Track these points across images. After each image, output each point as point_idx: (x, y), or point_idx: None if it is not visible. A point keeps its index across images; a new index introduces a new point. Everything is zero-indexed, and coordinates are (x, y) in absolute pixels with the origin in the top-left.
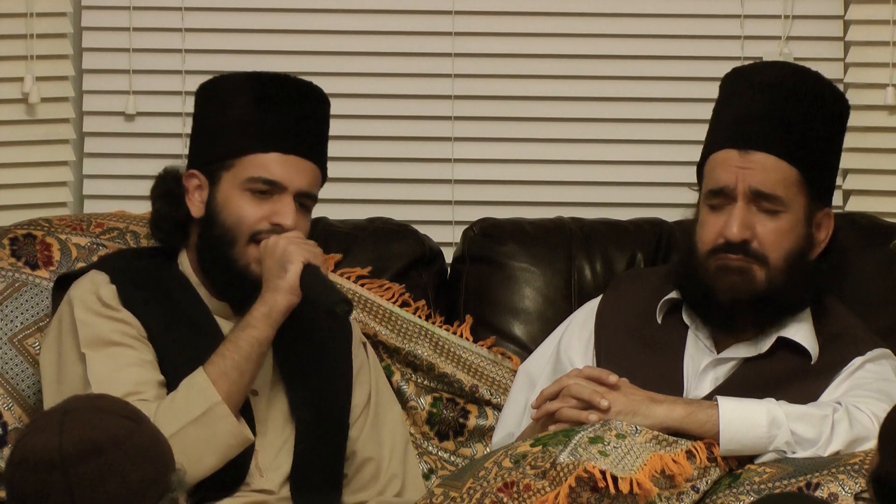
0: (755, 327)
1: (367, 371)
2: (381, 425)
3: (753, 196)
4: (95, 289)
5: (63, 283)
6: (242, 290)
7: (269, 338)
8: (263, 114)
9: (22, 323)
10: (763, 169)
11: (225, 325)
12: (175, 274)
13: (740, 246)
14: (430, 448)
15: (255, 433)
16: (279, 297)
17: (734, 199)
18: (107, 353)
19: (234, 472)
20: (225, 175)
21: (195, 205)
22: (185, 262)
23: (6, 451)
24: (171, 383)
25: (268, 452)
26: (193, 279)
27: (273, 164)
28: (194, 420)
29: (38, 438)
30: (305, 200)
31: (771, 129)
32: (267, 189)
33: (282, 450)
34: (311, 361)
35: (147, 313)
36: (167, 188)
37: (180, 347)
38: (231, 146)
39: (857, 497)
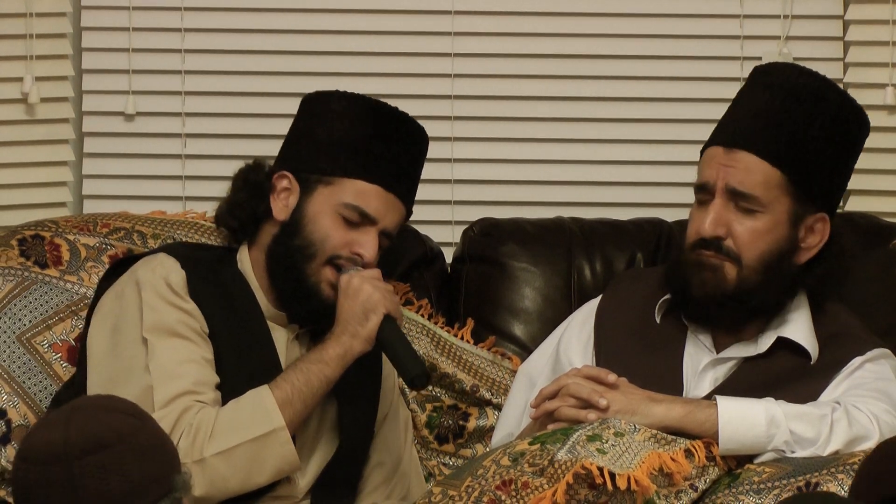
0: (727, 325)
1: (391, 378)
2: (396, 429)
3: (731, 194)
4: (166, 273)
5: (118, 268)
6: (307, 307)
7: (336, 379)
8: (379, 145)
9: (30, 321)
10: (745, 168)
11: (277, 332)
12: (234, 271)
13: (713, 242)
14: (430, 455)
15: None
16: (356, 343)
17: (714, 196)
18: (170, 344)
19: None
20: (321, 189)
21: (280, 206)
22: (245, 261)
23: (10, 449)
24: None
25: (301, 459)
26: (252, 281)
27: (373, 197)
28: (254, 439)
29: (44, 433)
30: (384, 240)
31: (759, 130)
32: (359, 220)
33: (312, 457)
34: (350, 374)
35: (211, 307)
36: (256, 179)
37: (232, 349)
38: (337, 164)
39: None
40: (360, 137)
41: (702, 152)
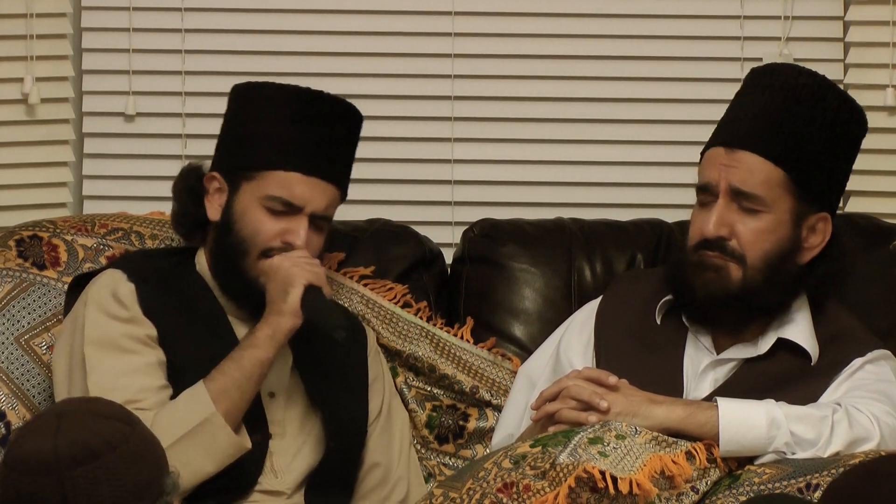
0: (730, 326)
1: (381, 380)
2: (391, 431)
3: (734, 194)
4: (113, 287)
5: (79, 284)
6: (253, 301)
7: (272, 358)
8: (297, 132)
9: (29, 323)
10: (747, 168)
11: (239, 328)
12: (193, 274)
13: (717, 243)
14: (430, 455)
15: (270, 435)
16: (283, 320)
17: (717, 196)
18: (110, 359)
19: (247, 474)
20: (246, 185)
21: (213, 207)
22: (202, 262)
23: None
24: (183, 384)
25: (285, 455)
26: (210, 280)
27: (295, 184)
28: (191, 430)
29: (32, 441)
30: (320, 222)
31: (760, 129)
32: (284, 209)
33: (299, 453)
34: (330, 367)
35: (162, 314)
36: (189, 185)
37: (195, 349)
38: (256, 158)
39: None
40: (277, 127)
41: (702, 154)
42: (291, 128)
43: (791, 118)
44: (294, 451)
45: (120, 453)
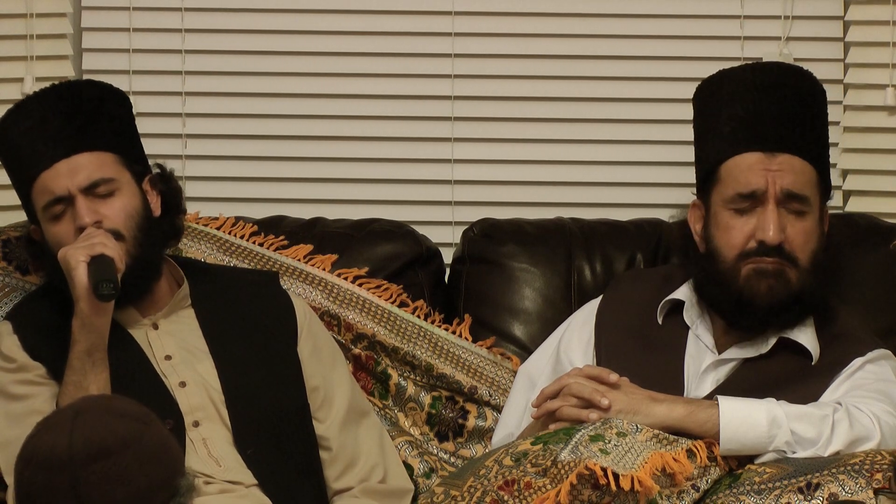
0: (779, 328)
1: (317, 361)
2: (357, 426)
3: (785, 198)
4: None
5: None
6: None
7: (96, 343)
8: (24, 140)
9: None
10: (792, 170)
11: (136, 330)
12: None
13: (776, 248)
14: (431, 448)
15: (197, 422)
16: (81, 304)
17: (763, 202)
18: (8, 408)
19: None
20: (39, 215)
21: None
22: None
23: None
24: None
25: (220, 441)
26: None
27: (49, 182)
28: None
29: (48, 437)
30: (99, 187)
31: (790, 130)
32: (61, 208)
33: (217, 436)
34: (252, 357)
35: (49, 353)
36: (30, 244)
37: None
38: (19, 184)
39: (877, 492)
40: (13, 151)
41: (716, 162)
42: (22, 139)
43: (806, 116)
44: (225, 437)
45: (133, 452)
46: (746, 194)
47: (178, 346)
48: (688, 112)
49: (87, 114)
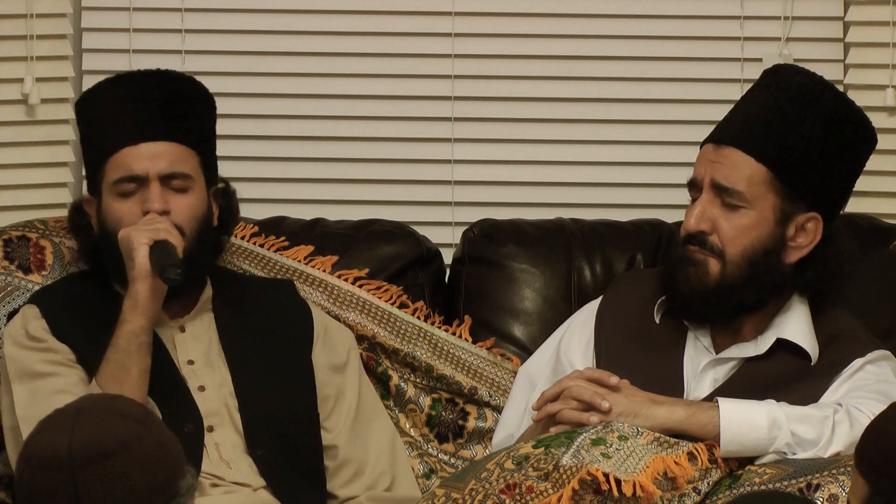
0: (714, 322)
1: (322, 357)
2: (366, 431)
3: (717, 189)
4: (25, 323)
5: (10, 318)
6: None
7: (144, 326)
8: (113, 113)
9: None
10: (731, 164)
11: (164, 331)
12: (108, 293)
13: (698, 237)
14: (431, 450)
15: (211, 427)
16: (138, 285)
17: (702, 192)
18: (33, 386)
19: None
20: (102, 186)
21: (95, 225)
22: None
23: None
24: None
25: (232, 445)
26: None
27: (129, 159)
28: None
29: (49, 436)
30: (177, 181)
31: (749, 127)
32: (134, 187)
33: (231, 440)
34: (266, 362)
35: (77, 337)
36: (75, 220)
37: None
38: (94, 156)
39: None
40: (99, 120)
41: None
42: (110, 112)
43: (781, 116)
44: (236, 443)
45: (133, 454)
46: (690, 182)
47: (200, 351)
48: (688, 112)
49: (183, 108)
